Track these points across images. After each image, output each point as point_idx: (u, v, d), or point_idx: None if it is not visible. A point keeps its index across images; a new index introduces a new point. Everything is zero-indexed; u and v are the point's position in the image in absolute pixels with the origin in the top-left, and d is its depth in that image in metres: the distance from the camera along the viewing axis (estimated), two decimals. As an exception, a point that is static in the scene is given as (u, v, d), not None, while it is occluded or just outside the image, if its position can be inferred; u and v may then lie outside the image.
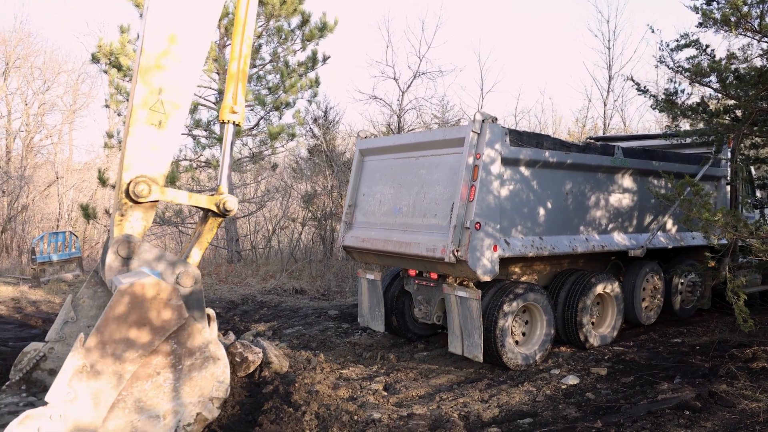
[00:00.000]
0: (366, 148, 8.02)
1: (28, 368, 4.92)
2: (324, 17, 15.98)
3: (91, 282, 5.19)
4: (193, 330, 4.19)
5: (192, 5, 4.83)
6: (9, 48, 25.50)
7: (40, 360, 4.94)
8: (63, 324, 5.01)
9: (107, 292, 4.87)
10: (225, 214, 4.88)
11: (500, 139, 6.44)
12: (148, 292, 3.96)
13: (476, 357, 6.52)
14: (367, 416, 5.26)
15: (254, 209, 18.53)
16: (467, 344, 6.61)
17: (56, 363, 4.90)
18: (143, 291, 3.95)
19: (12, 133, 25.25)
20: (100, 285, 5.11)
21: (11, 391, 4.87)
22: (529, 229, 6.86)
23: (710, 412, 4.95)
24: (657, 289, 8.47)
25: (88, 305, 5.09)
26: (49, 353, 4.96)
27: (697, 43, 5.98)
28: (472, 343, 6.54)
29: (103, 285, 5.01)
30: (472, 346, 6.55)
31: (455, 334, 6.76)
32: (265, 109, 16.42)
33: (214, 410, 4.24)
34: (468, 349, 6.61)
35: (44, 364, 4.94)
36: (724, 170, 8.92)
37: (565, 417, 5.25)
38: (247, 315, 10.14)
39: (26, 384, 4.88)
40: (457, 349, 6.76)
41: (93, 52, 14.49)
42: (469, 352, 6.60)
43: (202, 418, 4.19)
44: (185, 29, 4.80)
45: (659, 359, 6.87)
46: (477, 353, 6.50)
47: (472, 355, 6.57)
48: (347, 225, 8.02)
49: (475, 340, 6.50)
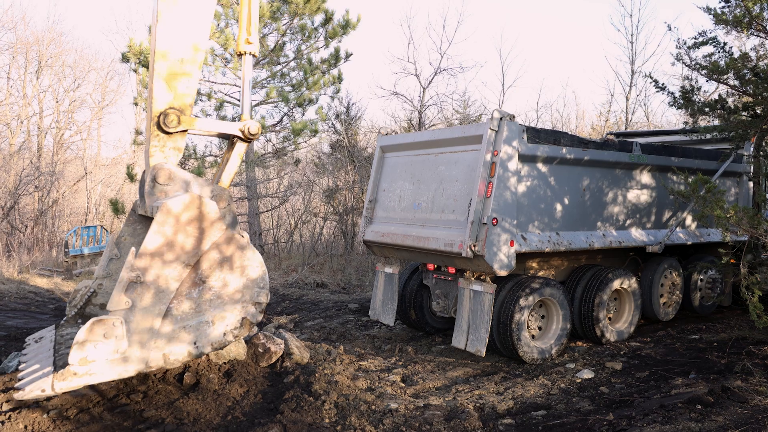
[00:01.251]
0: (386, 144, 8.17)
1: (81, 304, 5.24)
2: (347, 15, 16.14)
3: (130, 220, 5.46)
4: (232, 240, 4.44)
5: None
6: (42, 47, 26.12)
7: (91, 296, 5.24)
8: (108, 261, 5.31)
9: (145, 228, 5.14)
10: (250, 138, 5.11)
11: (518, 137, 6.54)
12: (189, 208, 4.27)
13: (479, 351, 6.59)
14: (384, 406, 5.42)
15: (277, 204, 18.80)
16: (471, 339, 6.68)
17: (105, 298, 5.19)
18: (185, 206, 4.26)
19: (44, 129, 25.89)
20: (138, 223, 5.35)
21: (69, 325, 5.25)
22: (545, 225, 6.95)
23: (722, 406, 5.01)
24: (675, 286, 8.50)
25: (129, 242, 5.36)
26: (99, 289, 5.26)
27: (715, 41, 6.01)
28: (477, 338, 6.63)
29: (141, 222, 5.27)
30: (476, 341, 6.63)
31: (461, 329, 6.84)
32: (289, 106, 16.65)
33: (257, 315, 4.53)
34: (471, 344, 6.69)
35: (95, 299, 5.25)
36: (746, 166, 8.89)
37: (578, 410, 5.36)
38: (270, 307, 10.38)
39: (81, 318, 5.22)
40: (460, 343, 6.83)
41: (123, 51, 14.83)
42: (472, 347, 6.67)
43: (248, 323, 4.49)
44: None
45: (675, 355, 6.92)
46: (480, 348, 6.58)
47: (474, 350, 6.64)
48: (368, 220, 8.19)
49: (481, 335, 6.59)
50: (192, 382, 5.44)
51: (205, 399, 5.24)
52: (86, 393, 5.13)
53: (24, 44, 25.63)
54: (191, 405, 5.12)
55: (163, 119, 4.72)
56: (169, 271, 4.12)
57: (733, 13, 5.08)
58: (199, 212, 4.30)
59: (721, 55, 5.96)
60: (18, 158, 22.57)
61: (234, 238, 4.51)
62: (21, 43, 25.54)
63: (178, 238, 4.18)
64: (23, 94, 25.20)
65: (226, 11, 15.64)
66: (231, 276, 4.42)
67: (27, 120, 25.17)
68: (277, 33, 16.13)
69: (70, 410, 4.89)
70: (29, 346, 5.33)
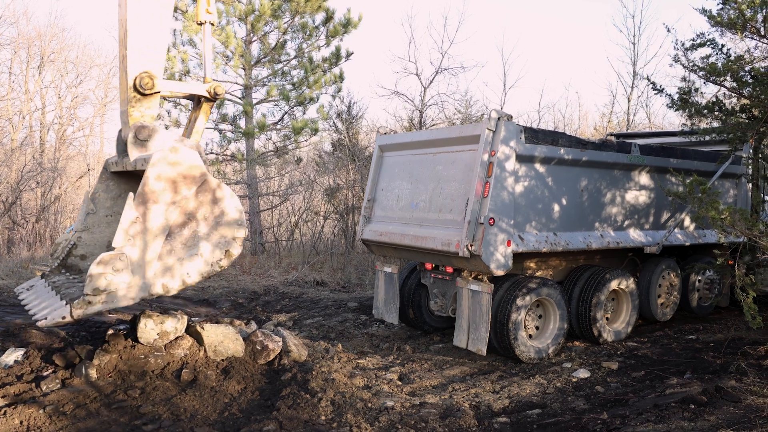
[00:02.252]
0: (385, 144, 8.20)
1: (63, 255, 5.77)
2: (348, 14, 16.17)
3: (102, 178, 5.98)
4: (214, 186, 5.03)
5: None
6: (44, 43, 26.18)
7: (72, 248, 5.76)
8: (85, 216, 5.82)
9: (118, 184, 5.81)
10: (215, 98, 5.71)
11: (515, 137, 6.57)
12: (179, 157, 4.83)
13: (480, 351, 6.65)
14: (380, 404, 5.46)
15: (278, 202, 18.84)
16: (473, 338, 6.73)
17: (85, 249, 5.80)
18: (172, 156, 4.81)
19: (46, 125, 25.95)
20: (110, 179, 5.90)
21: (54, 274, 5.80)
22: (543, 225, 6.98)
23: (715, 406, 5.04)
24: (673, 286, 8.52)
25: (103, 197, 5.93)
26: (78, 241, 5.80)
27: (713, 43, 6.03)
28: (478, 337, 6.67)
29: (113, 179, 5.85)
30: (477, 340, 6.68)
31: (462, 328, 6.89)
32: (290, 104, 16.69)
33: (237, 247, 5.11)
34: (472, 343, 6.74)
35: (75, 251, 5.80)
36: (744, 168, 8.90)
37: (573, 409, 5.39)
38: (269, 305, 10.42)
39: (64, 268, 5.74)
40: (461, 342, 6.89)
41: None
42: (473, 346, 6.73)
43: (230, 254, 5.06)
44: None
45: (672, 355, 6.95)
46: (481, 347, 6.63)
47: (476, 349, 6.69)
48: (366, 219, 8.22)
49: (481, 334, 6.63)
50: (189, 379, 5.48)
51: (202, 395, 5.28)
52: (83, 388, 5.17)
53: (26, 39, 25.71)
54: (188, 401, 5.16)
55: (140, 82, 5.25)
56: (164, 212, 4.72)
57: (728, 15, 5.10)
58: (188, 161, 4.88)
59: (719, 57, 5.98)
60: (20, 154, 22.63)
61: (214, 182, 5.07)
62: (23, 39, 25.62)
63: (171, 184, 4.78)
64: (25, 89, 25.28)
65: (227, 9, 15.67)
66: (214, 216, 5.00)
67: (29, 115, 25.25)
68: (278, 31, 16.16)
69: (67, 406, 4.93)
70: (23, 293, 5.92)
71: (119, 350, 5.55)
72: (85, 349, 5.69)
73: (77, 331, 6.70)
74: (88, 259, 5.75)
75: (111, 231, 5.81)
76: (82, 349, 5.70)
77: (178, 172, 4.85)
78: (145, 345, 5.64)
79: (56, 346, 5.99)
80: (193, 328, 5.98)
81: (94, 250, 5.82)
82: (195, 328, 5.95)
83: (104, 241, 5.87)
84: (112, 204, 5.87)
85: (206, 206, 4.97)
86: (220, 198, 5.05)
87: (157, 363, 5.56)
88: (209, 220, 4.97)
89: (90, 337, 6.42)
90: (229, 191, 5.18)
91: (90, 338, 6.38)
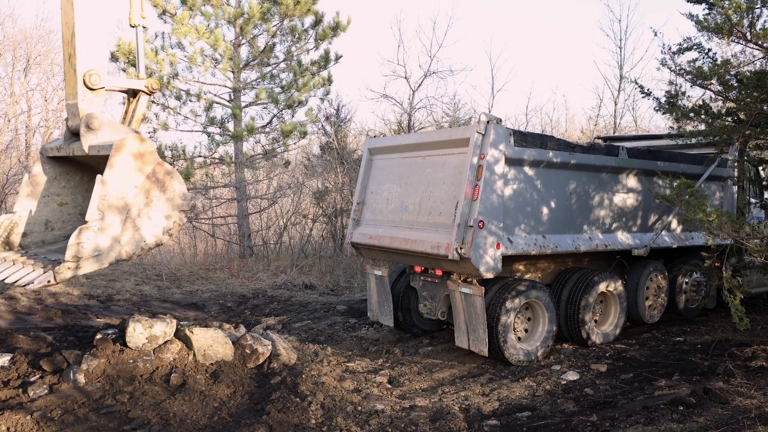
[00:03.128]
0: (374, 147, 8.20)
1: (5, 235, 6.23)
2: (337, 17, 16.17)
3: (40, 162, 6.41)
4: (163, 166, 5.62)
5: None
6: (30, 45, 25.96)
7: (13, 227, 6.24)
8: (26, 197, 6.29)
9: (55, 168, 6.40)
10: (153, 92, 6.26)
11: (504, 140, 6.59)
12: (135, 143, 5.46)
13: (482, 351, 6.70)
14: (370, 407, 5.45)
15: (266, 205, 18.79)
16: (473, 339, 6.80)
17: (25, 228, 6.33)
18: (130, 142, 5.42)
19: (32, 128, 25.71)
20: (47, 164, 6.39)
21: None
22: (532, 228, 7.01)
23: (704, 407, 5.08)
24: (661, 288, 8.58)
25: (42, 179, 6.38)
26: (19, 220, 6.28)
27: (700, 46, 6.09)
28: (477, 338, 6.73)
29: (50, 163, 6.37)
30: (477, 341, 6.74)
31: (461, 329, 6.94)
32: (278, 107, 16.66)
33: (183, 217, 5.77)
34: (474, 344, 6.80)
35: (17, 230, 6.28)
36: (730, 171, 8.99)
37: (563, 411, 5.41)
38: (258, 309, 10.38)
39: (8, 245, 6.22)
40: (463, 343, 6.94)
41: (112, 51, 14.79)
42: (475, 347, 6.79)
43: (177, 225, 5.72)
44: None
45: (660, 357, 6.99)
46: (482, 347, 6.68)
47: (477, 349, 6.75)
48: (355, 222, 8.21)
49: (480, 335, 6.68)
50: (179, 383, 5.44)
51: (191, 400, 5.25)
52: (71, 394, 5.12)
53: (12, 41, 25.48)
54: (178, 406, 5.13)
55: (89, 79, 5.80)
56: (125, 191, 5.37)
57: (714, 20, 5.16)
58: (141, 146, 5.48)
59: (705, 61, 6.04)
60: (5, 157, 22.40)
61: (164, 164, 5.65)
62: (8, 41, 25.39)
63: (127, 168, 5.40)
64: (11, 92, 25.04)
65: (216, 11, 15.63)
66: (164, 192, 5.61)
67: (15, 118, 25.00)
68: (267, 34, 16.14)
69: (55, 411, 4.88)
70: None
71: (108, 355, 5.50)
72: (73, 354, 5.63)
73: (65, 336, 6.64)
74: (29, 237, 6.34)
75: (48, 210, 6.42)
76: (70, 353, 5.64)
77: (138, 154, 5.49)
78: (134, 349, 5.60)
79: (43, 351, 5.93)
80: (182, 332, 5.94)
81: (34, 228, 6.39)
82: (184, 332, 5.91)
83: (43, 220, 6.42)
84: (48, 186, 6.41)
85: (158, 185, 5.61)
86: (169, 178, 5.68)
87: (146, 367, 5.52)
88: (161, 196, 5.62)
89: (78, 342, 6.36)
90: (176, 173, 5.79)
91: (78, 343, 6.31)
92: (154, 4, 14.77)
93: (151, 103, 15.56)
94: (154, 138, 16.25)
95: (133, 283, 12.34)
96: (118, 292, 11.20)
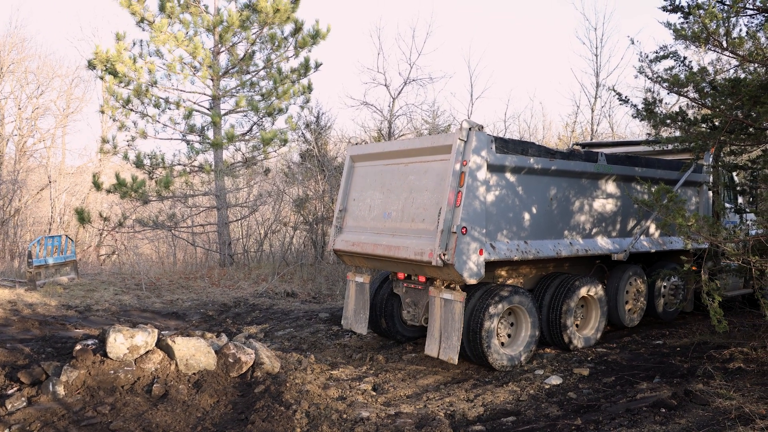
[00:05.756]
0: (357, 154, 8.21)
1: None
2: (317, 25, 16.20)
3: None
4: None
5: None
6: (3, 53, 25.54)
7: None
8: None
9: None
10: None
11: (486, 147, 6.64)
12: None
13: (451, 359, 6.65)
14: (355, 415, 5.43)
15: (247, 213, 18.67)
16: (444, 347, 6.74)
17: None
18: None
19: (5, 137, 25.28)
20: None
21: None
22: (514, 234, 7.06)
23: (685, 409, 5.15)
24: (640, 292, 8.69)
25: None
26: None
27: (675, 55, 6.21)
28: (450, 346, 6.68)
29: None
30: (448, 348, 6.69)
31: (434, 337, 6.90)
32: (258, 115, 16.61)
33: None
34: (444, 352, 6.75)
35: None
36: (705, 176, 9.16)
37: (547, 415, 5.44)
38: (240, 317, 10.29)
39: None
40: (433, 351, 6.89)
41: (89, 59, 14.64)
42: (445, 355, 6.73)
43: None
44: None
45: (640, 360, 7.08)
46: (453, 355, 6.64)
47: (447, 358, 6.69)
48: (338, 229, 8.20)
49: (453, 343, 6.65)
50: (161, 393, 5.38)
51: (174, 410, 5.18)
52: (50, 406, 5.03)
53: (-15, 50, 25.05)
54: (160, 416, 5.06)
55: None
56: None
57: (691, 28, 5.27)
58: None
59: (681, 69, 6.16)
60: (-22, 166, 21.99)
61: None
62: (-18, 49, 24.95)
63: None
64: (-16, 101, 24.60)
65: (195, 19, 15.55)
66: None
67: (-12, 127, 24.56)
68: (246, 42, 16.08)
69: (34, 424, 4.79)
70: None
71: (88, 366, 5.42)
72: (51, 366, 5.54)
73: (42, 347, 6.52)
74: None
75: None
76: (49, 365, 5.55)
77: None
78: (115, 360, 5.52)
79: (21, 363, 5.82)
80: (163, 342, 5.87)
81: None
82: (166, 342, 5.85)
83: None
84: None
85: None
86: None
87: (128, 378, 5.44)
88: None
89: (56, 353, 6.25)
90: None
91: (56, 354, 6.20)
92: (132, 12, 14.66)
93: (129, 111, 15.44)
94: (133, 146, 16.09)
95: (111, 293, 12.17)
96: (97, 302, 11.04)
